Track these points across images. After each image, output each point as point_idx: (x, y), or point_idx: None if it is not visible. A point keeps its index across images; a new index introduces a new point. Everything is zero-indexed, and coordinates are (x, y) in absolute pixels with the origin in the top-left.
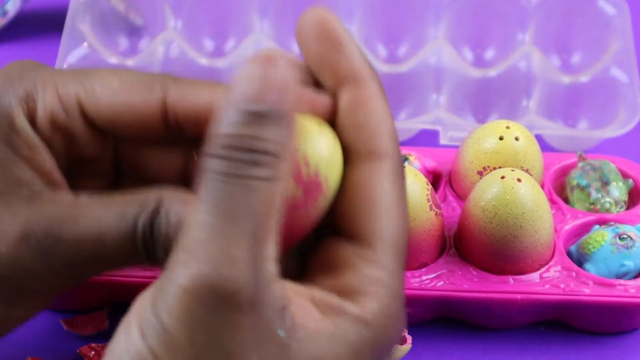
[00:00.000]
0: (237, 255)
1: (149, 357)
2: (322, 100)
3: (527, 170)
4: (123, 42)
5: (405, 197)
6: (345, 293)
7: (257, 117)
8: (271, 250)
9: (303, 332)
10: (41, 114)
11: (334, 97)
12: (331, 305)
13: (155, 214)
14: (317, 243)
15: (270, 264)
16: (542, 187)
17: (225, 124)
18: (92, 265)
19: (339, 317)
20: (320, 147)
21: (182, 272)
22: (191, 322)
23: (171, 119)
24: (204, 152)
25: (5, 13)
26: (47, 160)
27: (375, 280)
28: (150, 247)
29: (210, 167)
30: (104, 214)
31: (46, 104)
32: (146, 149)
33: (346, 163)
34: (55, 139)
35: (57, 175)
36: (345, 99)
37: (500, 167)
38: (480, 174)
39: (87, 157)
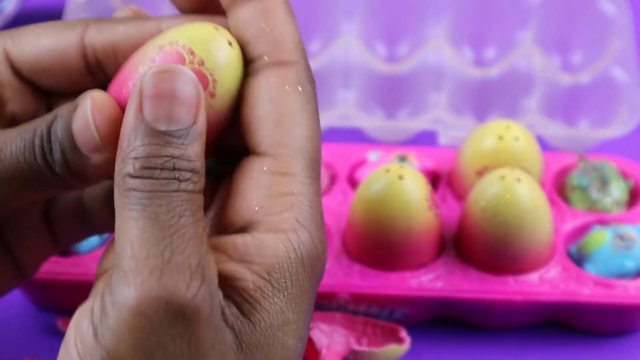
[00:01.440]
0: (181, 263)
1: None
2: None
3: (526, 171)
4: None
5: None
6: (258, 217)
7: (161, 136)
8: (206, 248)
9: (247, 306)
10: None
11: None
12: (246, 249)
13: (52, 121)
14: (235, 167)
15: (211, 261)
16: (542, 187)
17: (140, 145)
18: None
19: (263, 260)
20: (207, 40)
21: (126, 291)
22: (143, 342)
23: (90, 57)
24: (118, 172)
25: (0, 12)
26: None
27: (286, 192)
28: (48, 152)
29: (132, 186)
30: (3, 132)
31: None
32: None
33: (250, 74)
34: None
35: None
36: (248, 10)
37: (499, 168)
38: (480, 174)
39: (20, 117)
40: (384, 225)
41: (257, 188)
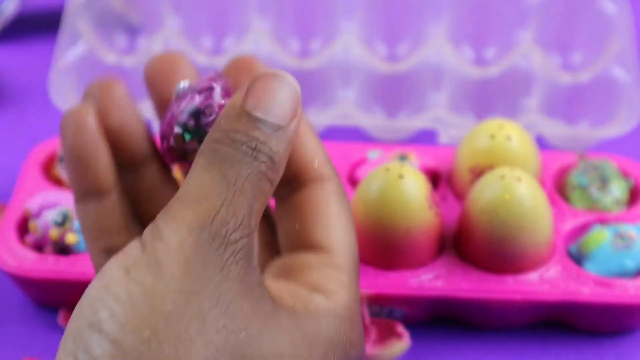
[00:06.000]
0: (237, 212)
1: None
2: None
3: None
4: (121, 40)
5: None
6: (311, 287)
7: (254, 120)
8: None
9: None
10: None
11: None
12: (302, 296)
13: None
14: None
15: (255, 240)
16: (542, 186)
17: (233, 122)
18: None
19: (312, 307)
20: None
21: (185, 212)
22: (191, 258)
23: None
24: (206, 140)
25: (1, 13)
26: None
27: (336, 278)
28: None
29: (212, 147)
30: None
31: None
32: None
33: (298, 187)
34: None
35: None
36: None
37: (490, 166)
38: (472, 172)
39: None
40: (383, 224)
41: (315, 272)
